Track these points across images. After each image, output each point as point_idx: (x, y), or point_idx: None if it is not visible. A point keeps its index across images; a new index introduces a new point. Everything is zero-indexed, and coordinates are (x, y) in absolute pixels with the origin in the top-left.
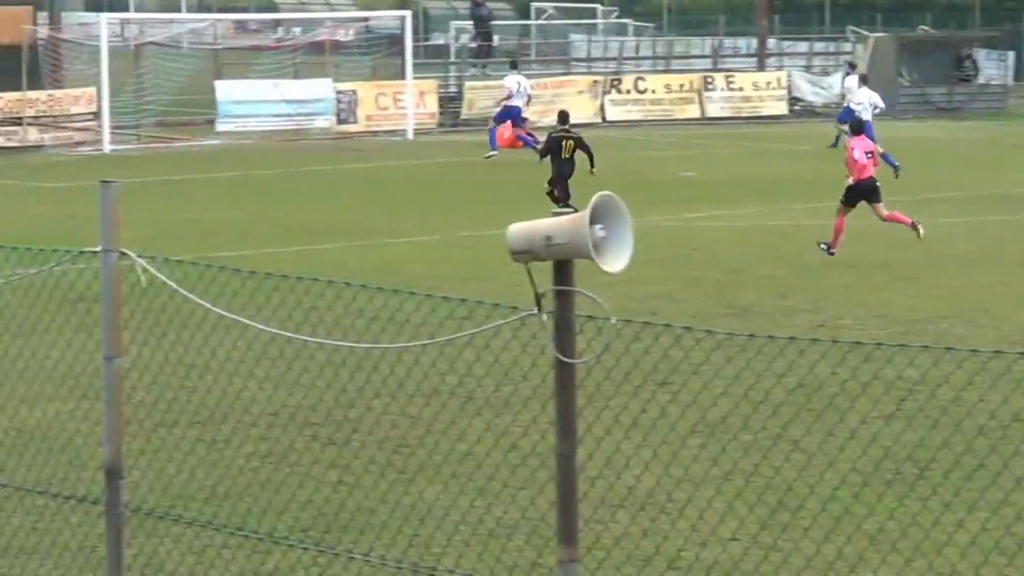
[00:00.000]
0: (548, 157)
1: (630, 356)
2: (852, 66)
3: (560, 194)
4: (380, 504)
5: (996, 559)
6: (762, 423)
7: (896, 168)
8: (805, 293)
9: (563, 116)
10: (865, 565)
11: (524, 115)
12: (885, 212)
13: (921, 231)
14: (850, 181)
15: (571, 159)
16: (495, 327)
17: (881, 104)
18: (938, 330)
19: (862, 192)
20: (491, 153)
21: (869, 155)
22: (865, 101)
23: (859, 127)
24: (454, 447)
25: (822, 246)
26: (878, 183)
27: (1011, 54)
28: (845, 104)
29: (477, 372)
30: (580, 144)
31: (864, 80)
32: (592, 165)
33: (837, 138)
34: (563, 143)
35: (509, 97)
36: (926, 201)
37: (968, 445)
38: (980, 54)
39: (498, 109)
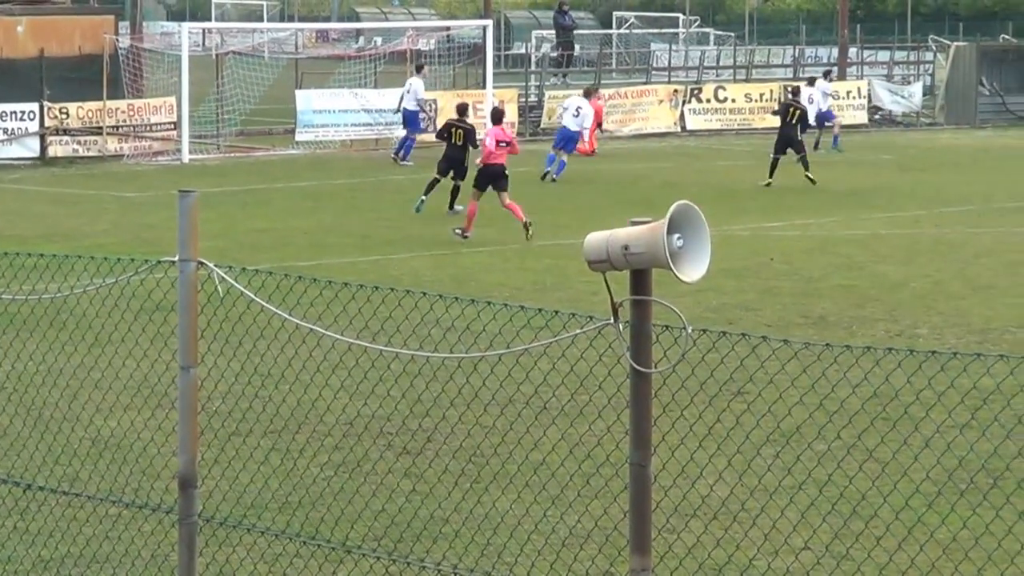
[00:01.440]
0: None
1: (706, 366)
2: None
3: (440, 171)
4: (453, 514)
5: None
6: (836, 432)
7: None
8: (882, 302)
9: (461, 109)
10: (937, 574)
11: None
12: (507, 201)
13: (530, 232)
14: (478, 163)
15: (462, 146)
16: (571, 337)
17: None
18: (1015, 339)
19: (490, 177)
20: (407, 163)
21: (505, 144)
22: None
23: (498, 118)
24: (528, 457)
25: (456, 231)
26: (507, 172)
27: None
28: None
29: (552, 381)
30: (468, 136)
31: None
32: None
33: (817, 142)
34: (453, 130)
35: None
36: (1004, 211)
37: None
38: None
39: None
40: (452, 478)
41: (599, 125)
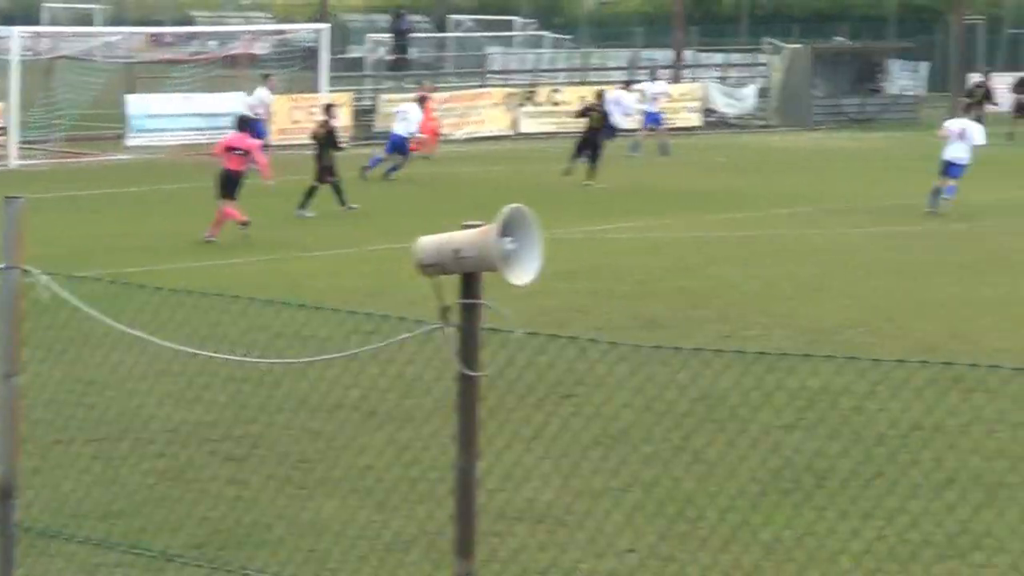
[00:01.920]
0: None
1: (534, 369)
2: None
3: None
4: (277, 520)
5: (889, 567)
6: (664, 434)
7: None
8: (713, 304)
9: (327, 108)
10: (760, 574)
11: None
12: (227, 209)
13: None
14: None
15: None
16: (400, 341)
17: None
18: (842, 340)
19: (227, 182)
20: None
21: (240, 152)
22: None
23: (240, 125)
24: (354, 461)
25: (205, 236)
26: (243, 180)
27: (924, 64)
28: (651, 110)
29: (381, 386)
30: (329, 135)
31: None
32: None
33: (637, 144)
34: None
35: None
36: (835, 212)
37: (867, 454)
38: (895, 64)
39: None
40: (277, 484)
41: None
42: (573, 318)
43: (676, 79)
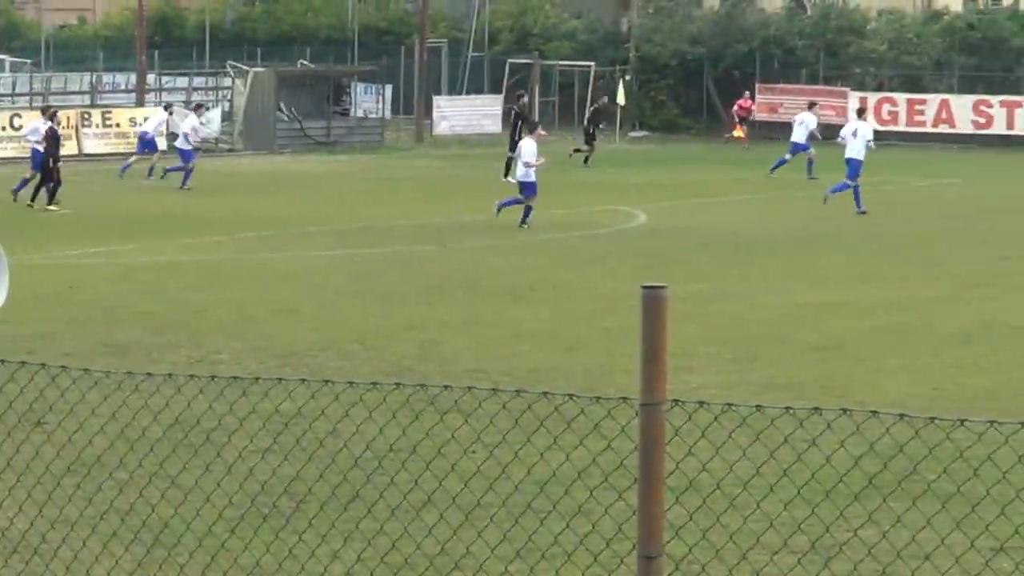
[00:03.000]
0: None
1: (4, 397)
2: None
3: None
4: None
5: None
6: (138, 461)
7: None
8: (183, 329)
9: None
10: None
11: None
12: None
13: None
14: None
15: None
16: None
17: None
18: (315, 363)
19: None
20: None
21: None
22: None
23: None
24: None
25: None
26: None
27: (389, 88)
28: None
29: None
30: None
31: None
32: None
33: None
34: None
35: None
36: (303, 235)
37: (344, 476)
38: (359, 88)
39: None
40: None
41: None
42: (41, 345)
43: (140, 103)
